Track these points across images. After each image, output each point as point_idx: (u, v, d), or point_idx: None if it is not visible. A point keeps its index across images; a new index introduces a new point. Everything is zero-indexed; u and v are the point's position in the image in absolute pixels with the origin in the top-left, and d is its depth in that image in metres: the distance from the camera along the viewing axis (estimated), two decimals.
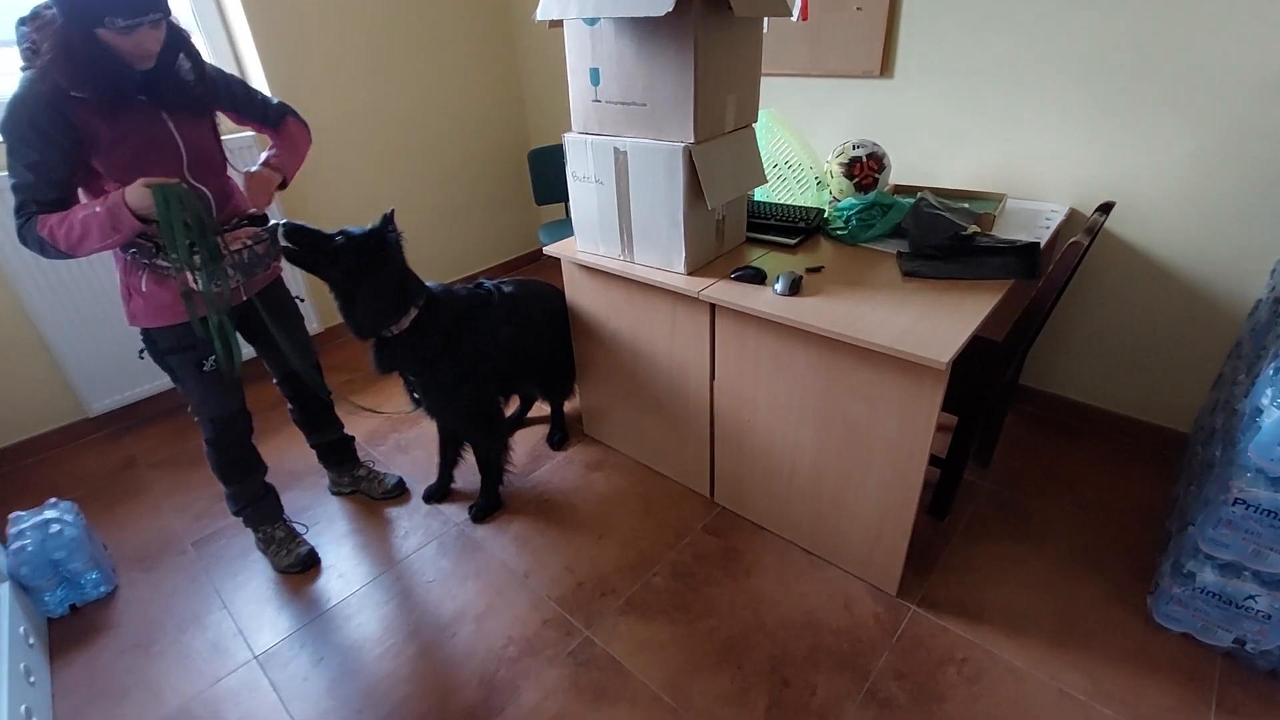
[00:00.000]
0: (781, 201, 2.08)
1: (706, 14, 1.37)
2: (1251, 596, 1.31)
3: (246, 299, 1.57)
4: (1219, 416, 1.56)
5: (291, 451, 2.27)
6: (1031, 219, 1.85)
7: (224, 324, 1.45)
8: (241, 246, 1.49)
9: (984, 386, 1.58)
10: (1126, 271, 1.94)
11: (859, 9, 2.10)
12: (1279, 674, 1.38)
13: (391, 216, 1.60)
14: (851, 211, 1.78)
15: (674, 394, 1.85)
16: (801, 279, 1.52)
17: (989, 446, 2.01)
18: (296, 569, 1.79)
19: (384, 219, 1.59)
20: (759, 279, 1.57)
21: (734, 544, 1.80)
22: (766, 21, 2.24)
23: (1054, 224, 1.82)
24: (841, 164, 1.88)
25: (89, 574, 1.70)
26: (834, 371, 1.44)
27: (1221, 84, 1.63)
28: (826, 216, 1.87)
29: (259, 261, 1.55)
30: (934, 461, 1.70)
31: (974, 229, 1.67)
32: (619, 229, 1.71)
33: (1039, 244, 1.54)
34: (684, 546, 1.81)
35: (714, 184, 1.55)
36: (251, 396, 1.68)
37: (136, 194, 1.23)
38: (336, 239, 1.53)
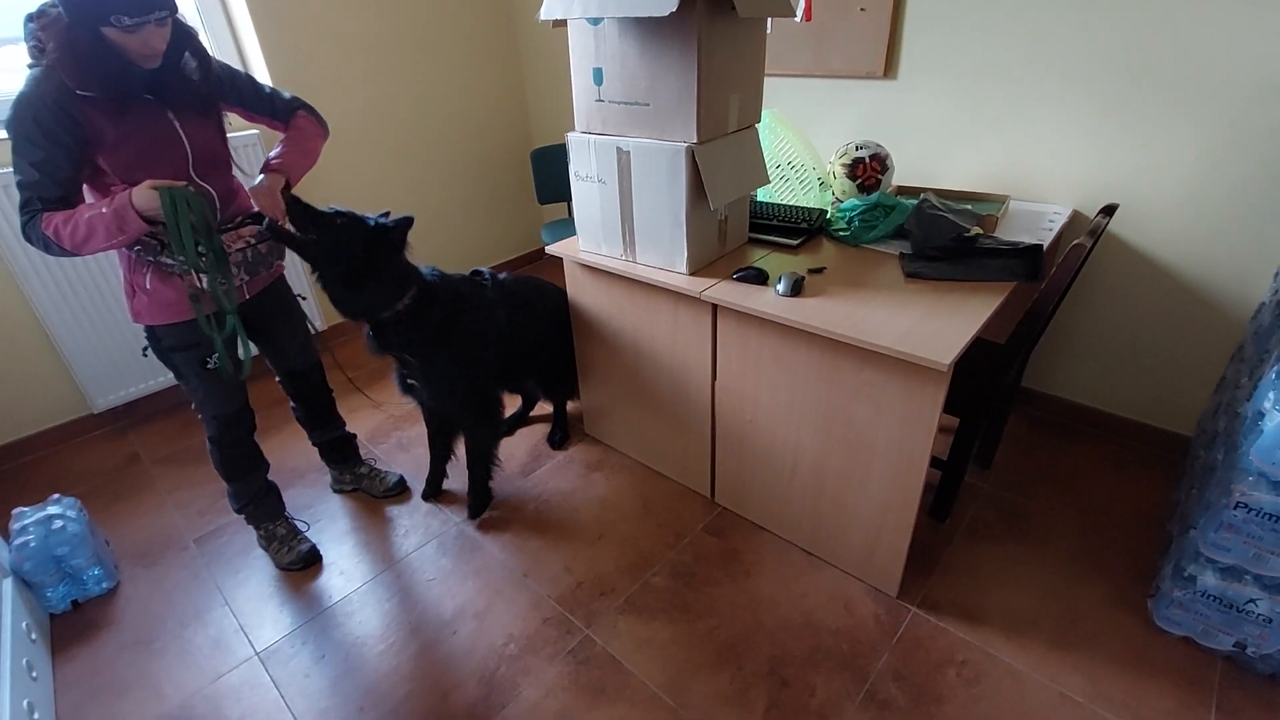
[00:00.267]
0: (784, 202, 2.07)
1: (710, 14, 1.37)
2: (1252, 600, 1.31)
3: (249, 297, 1.57)
4: (1221, 420, 1.56)
5: (293, 449, 2.28)
6: (1034, 221, 1.85)
7: (236, 328, 1.45)
8: (244, 245, 1.49)
9: (986, 388, 1.58)
10: (1129, 274, 1.94)
11: (863, 10, 2.09)
12: (1279, 678, 1.38)
13: (386, 216, 1.62)
14: (854, 212, 1.78)
15: (675, 394, 1.85)
16: (804, 280, 1.52)
17: (990, 448, 2.01)
18: (298, 566, 1.80)
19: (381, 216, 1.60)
20: (761, 279, 1.57)
21: (734, 544, 1.80)
22: (770, 22, 2.24)
23: (1057, 226, 1.82)
24: (844, 165, 1.88)
25: (91, 570, 1.71)
26: (836, 372, 1.44)
27: (1225, 87, 1.63)
28: (829, 217, 1.87)
29: (262, 260, 1.55)
30: (935, 463, 1.69)
31: (977, 231, 1.67)
32: (621, 229, 1.71)
33: (1042, 246, 1.54)
34: (684, 546, 1.81)
35: (716, 184, 1.55)
36: (254, 394, 1.69)
37: (143, 196, 1.24)
38: (339, 220, 1.50)
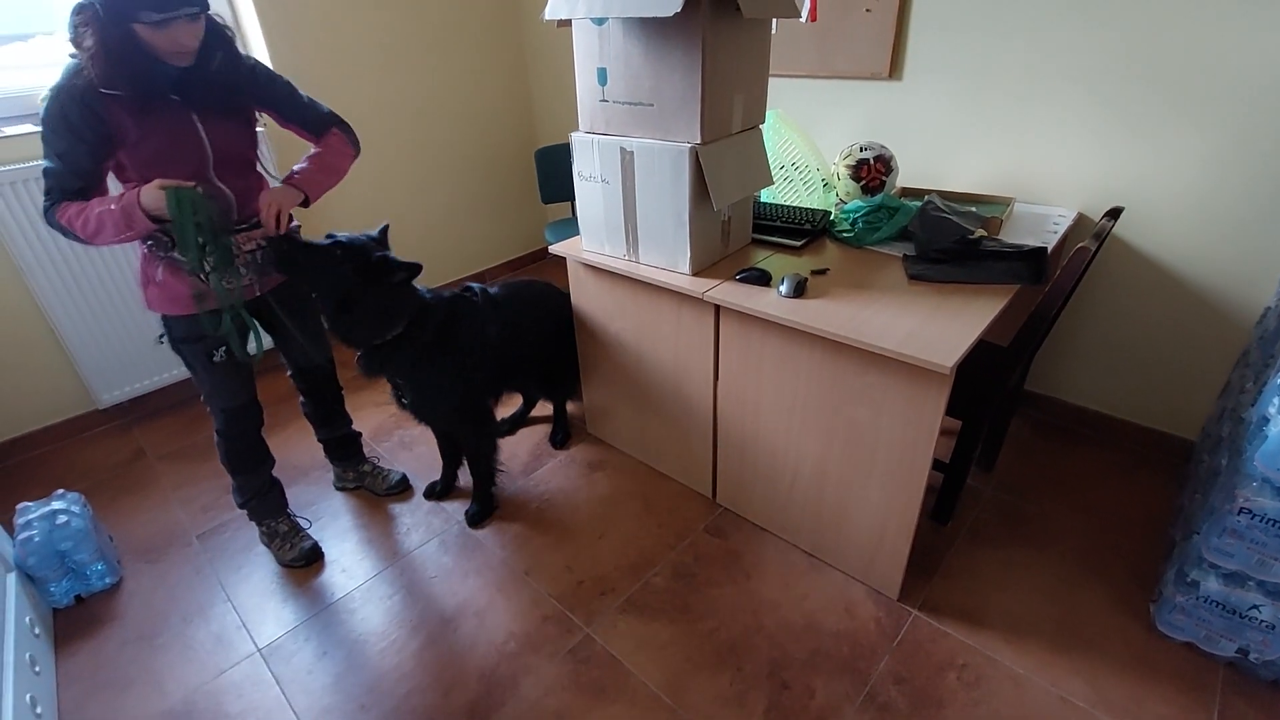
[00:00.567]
0: (788, 203, 2.07)
1: (715, 15, 1.37)
2: (1255, 606, 1.30)
3: (261, 293, 1.58)
4: (1225, 425, 1.55)
5: (297, 446, 2.28)
6: (1039, 223, 1.84)
7: (242, 315, 1.46)
8: (255, 247, 1.50)
9: (989, 391, 1.58)
10: (1134, 278, 1.93)
11: (868, 10, 2.09)
12: None
13: (386, 232, 1.62)
14: (858, 214, 1.77)
15: (677, 394, 1.85)
16: (806, 281, 1.52)
17: (993, 451, 2.01)
18: (300, 563, 1.80)
19: (382, 234, 1.60)
20: (764, 281, 1.57)
21: (735, 545, 1.80)
22: (775, 22, 2.23)
23: (1062, 229, 1.81)
24: (849, 166, 1.88)
25: (95, 565, 1.71)
26: (838, 374, 1.43)
27: (1232, 90, 1.62)
28: (833, 218, 1.86)
29: (274, 261, 1.56)
30: (937, 466, 1.69)
31: (981, 233, 1.66)
32: (624, 229, 1.71)
33: (1046, 249, 1.53)
34: (685, 547, 1.81)
35: (720, 185, 1.55)
36: (261, 390, 1.69)
37: (150, 196, 1.25)
38: (335, 251, 1.50)
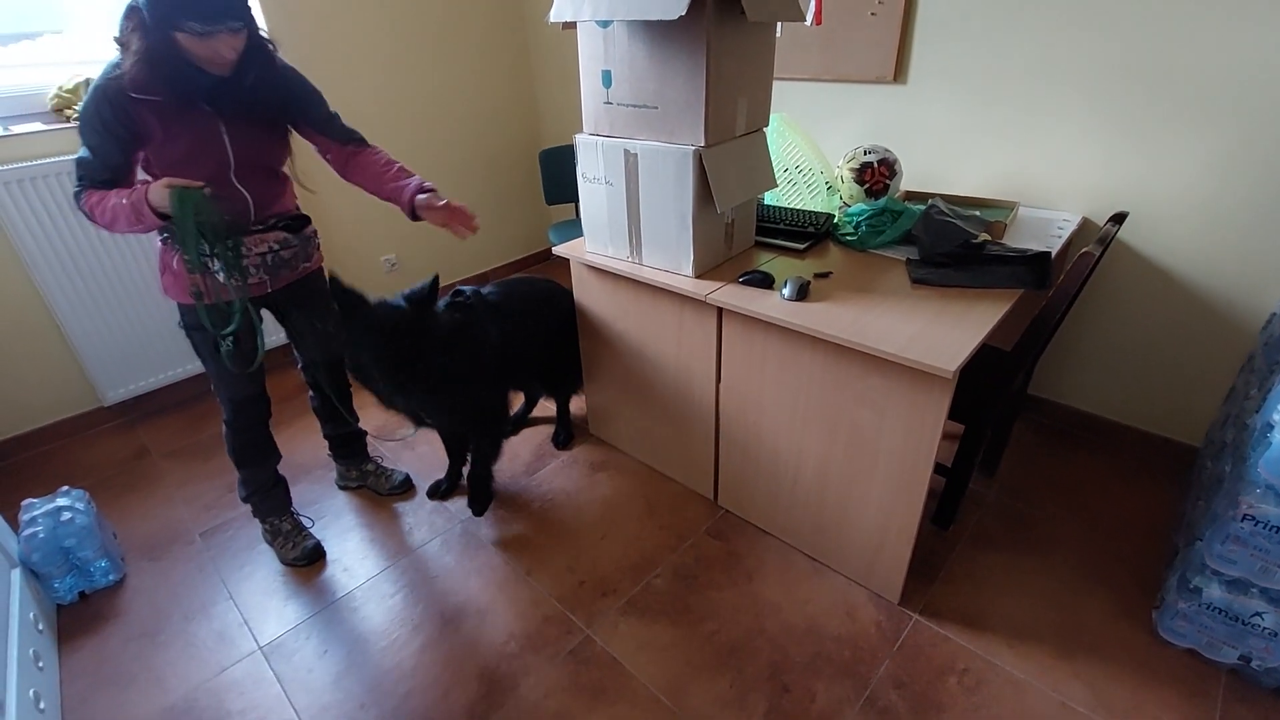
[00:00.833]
0: (791, 206, 2.07)
1: (719, 18, 1.37)
2: (1258, 613, 1.30)
3: (271, 290, 1.58)
4: (1229, 431, 1.55)
5: (302, 445, 2.29)
6: (1043, 228, 1.84)
7: (248, 312, 1.47)
8: (267, 250, 1.51)
9: (992, 395, 1.58)
10: (1138, 282, 1.93)
11: (873, 14, 2.09)
12: None
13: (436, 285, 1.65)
14: (861, 217, 1.78)
15: (680, 396, 1.86)
16: (809, 284, 1.52)
17: (995, 456, 2.00)
18: (302, 562, 1.81)
19: (432, 285, 1.63)
20: (767, 283, 1.57)
21: (736, 548, 1.80)
22: (780, 25, 2.24)
23: (1066, 233, 1.81)
24: (852, 169, 1.88)
25: (98, 562, 1.72)
26: (840, 377, 1.43)
27: (1235, 94, 1.62)
28: (836, 222, 1.87)
29: (285, 264, 1.56)
30: (939, 470, 1.68)
31: (985, 237, 1.66)
32: (628, 231, 1.71)
33: (1050, 253, 1.53)
34: (686, 549, 1.81)
35: (724, 187, 1.55)
36: (270, 386, 1.70)
37: (157, 193, 1.27)
38: (400, 306, 1.56)
